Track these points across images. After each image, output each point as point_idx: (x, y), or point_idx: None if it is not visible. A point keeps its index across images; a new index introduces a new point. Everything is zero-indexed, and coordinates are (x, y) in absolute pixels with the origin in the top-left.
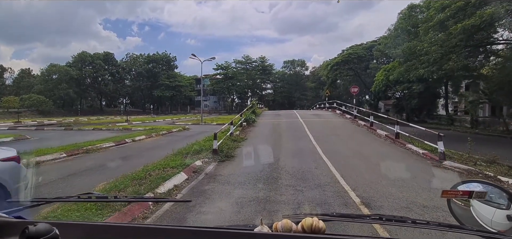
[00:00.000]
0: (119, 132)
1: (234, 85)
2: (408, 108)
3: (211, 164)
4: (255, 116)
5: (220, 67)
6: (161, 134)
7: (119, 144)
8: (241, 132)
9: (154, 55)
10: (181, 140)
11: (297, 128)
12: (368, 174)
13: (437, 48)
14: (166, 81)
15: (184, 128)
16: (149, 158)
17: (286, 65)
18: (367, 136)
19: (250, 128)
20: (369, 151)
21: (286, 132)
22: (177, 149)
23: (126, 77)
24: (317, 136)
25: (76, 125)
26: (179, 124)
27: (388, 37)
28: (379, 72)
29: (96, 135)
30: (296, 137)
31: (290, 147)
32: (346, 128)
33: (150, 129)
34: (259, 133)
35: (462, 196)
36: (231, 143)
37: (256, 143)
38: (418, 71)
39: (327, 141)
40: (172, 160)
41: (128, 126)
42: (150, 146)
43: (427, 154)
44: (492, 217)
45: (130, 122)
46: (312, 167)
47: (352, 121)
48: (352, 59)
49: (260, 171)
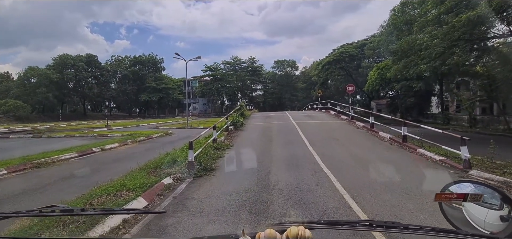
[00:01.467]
0: (91, 139)
1: (224, 87)
2: (403, 107)
3: (184, 181)
4: (243, 119)
5: (209, 68)
6: (138, 140)
7: (83, 154)
8: (227, 137)
9: (140, 57)
10: (159, 147)
11: (289, 131)
12: (386, 194)
13: (439, 42)
14: (152, 84)
15: (166, 133)
16: (110, 174)
17: (276, 66)
18: (369, 139)
19: (237, 133)
20: (377, 158)
21: (278, 136)
22: (148, 161)
23: (111, 80)
24: (313, 140)
25: (50, 131)
26: (162, 128)
27: (382, 34)
28: (372, 71)
29: (64, 143)
30: (290, 142)
31: (283, 155)
32: (344, 130)
33: (128, 135)
34: (247, 138)
35: (456, 199)
36: (213, 151)
37: (242, 151)
38: (418, 67)
39: (325, 147)
40: (133, 178)
41: (106, 131)
42: (120, 156)
43: (445, 161)
44: (485, 218)
45: (110, 127)
46: (311, 183)
47: (348, 122)
48: (344, 58)
49: (246, 190)
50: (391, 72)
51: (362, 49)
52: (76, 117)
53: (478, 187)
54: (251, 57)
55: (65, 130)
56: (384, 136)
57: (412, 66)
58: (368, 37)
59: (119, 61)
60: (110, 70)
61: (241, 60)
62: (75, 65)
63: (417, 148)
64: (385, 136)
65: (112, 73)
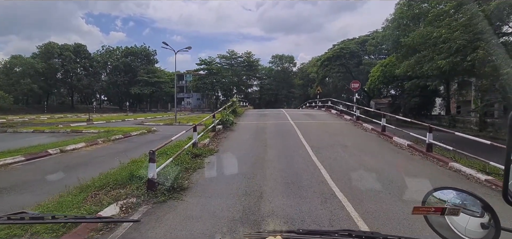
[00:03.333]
0: (61, 136)
1: (219, 82)
2: (406, 107)
3: (138, 210)
4: (235, 118)
5: (204, 62)
6: (112, 139)
7: (34, 158)
8: (212, 139)
9: (132, 48)
10: (133, 149)
11: (287, 133)
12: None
13: (460, 35)
14: (144, 76)
15: (149, 130)
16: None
17: (273, 61)
18: (384, 146)
19: (225, 133)
20: (402, 175)
21: (274, 140)
22: (103, 172)
23: (102, 71)
24: (317, 146)
25: (23, 125)
26: (147, 125)
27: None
28: (375, 68)
29: (25, 140)
30: (288, 148)
31: (280, 167)
32: (352, 134)
33: (104, 132)
34: (237, 141)
35: (434, 213)
36: (190, 160)
37: (228, 161)
38: (435, 63)
39: (332, 156)
40: (59, 205)
41: (82, 127)
42: (77, 162)
43: (495, 182)
44: (466, 225)
45: (91, 121)
46: (323, 218)
47: (354, 123)
48: (344, 54)
49: (227, 230)
50: (401, 68)
51: (364, 46)
52: (63, 109)
53: (460, 195)
54: (247, 52)
55: (42, 123)
56: (400, 143)
57: (426, 62)
58: (370, 33)
59: (110, 52)
60: (100, 61)
61: (237, 54)
62: (62, 54)
63: (448, 160)
64: (402, 143)
65: (102, 64)
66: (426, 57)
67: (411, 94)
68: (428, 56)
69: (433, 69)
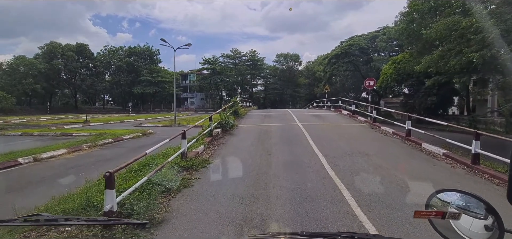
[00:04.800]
0: (48, 140)
1: (222, 81)
2: (421, 107)
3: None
4: (236, 120)
5: (207, 61)
6: (99, 144)
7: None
8: (208, 146)
9: (135, 48)
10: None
11: (296, 139)
12: None
13: (495, 23)
14: (148, 76)
15: (144, 133)
16: None
17: (278, 59)
18: (413, 154)
19: (224, 138)
20: None
21: (280, 147)
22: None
23: (105, 72)
24: (332, 156)
25: (17, 126)
26: (145, 126)
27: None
28: (387, 65)
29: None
30: (297, 159)
31: (289, 186)
32: (371, 139)
33: (96, 135)
34: (236, 148)
35: (435, 216)
36: (176, 175)
37: (222, 178)
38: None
39: (352, 169)
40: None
41: (75, 130)
42: (42, 176)
43: None
44: (470, 227)
45: (88, 123)
46: None
47: (371, 126)
48: (353, 51)
49: None
50: (422, 64)
51: (373, 42)
52: (67, 110)
53: (463, 197)
54: (251, 50)
55: (37, 125)
56: (433, 151)
57: (453, 55)
58: (380, 29)
59: (112, 52)
60: (103, 61)
61: (241, 53)
62: (64, 54)
63: (505, 176)
64: (435, 151)
65: (106, 64)
66: (452, 51)
67: (428, 93)
68: (454, 49)
69: (462, 64)
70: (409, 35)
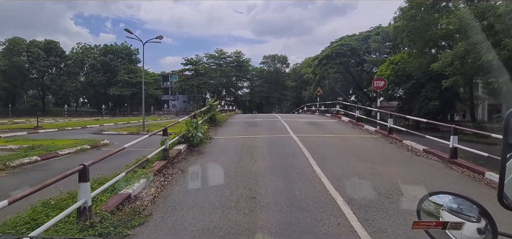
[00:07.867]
0: None
1: (206, 83)
2: (422, 112)
3: None
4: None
5: (190, 62)
6: (11, 166)
7: None
8: (156, 176)
9: (112, 47)
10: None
11: (293, 162)
12: None
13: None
14: (125, 76)
15: (95, 145)
16: None
17: (265, 61)
18: (481, 193)
19: (186, 162)
20: None
21: (271, 180)
22: None
23: (78, 71)
24: (359, 199)
25: None
26: (106, 134)
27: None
28: (384, 66)
29: None
30: (304, 215)
31: None
32: (402, 163)
33: (26, 149)
34: (199, 185)
35: (435, 227)
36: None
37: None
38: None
39: None
40: None
41: (12, 139)
42: None
43: None
44: (463, 230)
45: (40, 128)
46: None
47: (386, 139)
48: (344, 52)
49: None
50: (440, 61)
51: (366, 42)
52: (33, 113)
53: (456, 199)
54: (236, 51)
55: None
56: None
57: (483, 50)
58: (372, 28)
59: (86, 50)
60: (76, 60)
61: (226, 54)
62: (29, 51)
63: None
64: (488, 177)
65: (79, 64)
66: (483, 45)
67: (429, 97)
68: (484, 43)
69: (505, 59)
70: (411, 33)
